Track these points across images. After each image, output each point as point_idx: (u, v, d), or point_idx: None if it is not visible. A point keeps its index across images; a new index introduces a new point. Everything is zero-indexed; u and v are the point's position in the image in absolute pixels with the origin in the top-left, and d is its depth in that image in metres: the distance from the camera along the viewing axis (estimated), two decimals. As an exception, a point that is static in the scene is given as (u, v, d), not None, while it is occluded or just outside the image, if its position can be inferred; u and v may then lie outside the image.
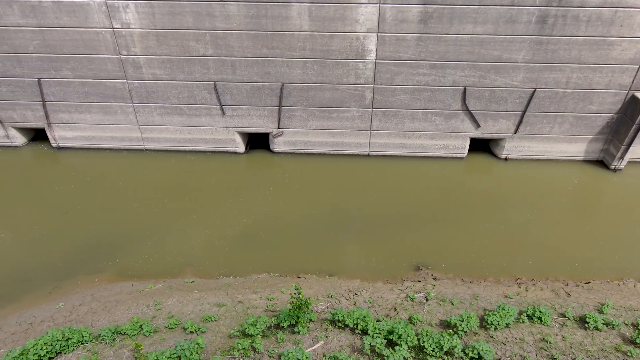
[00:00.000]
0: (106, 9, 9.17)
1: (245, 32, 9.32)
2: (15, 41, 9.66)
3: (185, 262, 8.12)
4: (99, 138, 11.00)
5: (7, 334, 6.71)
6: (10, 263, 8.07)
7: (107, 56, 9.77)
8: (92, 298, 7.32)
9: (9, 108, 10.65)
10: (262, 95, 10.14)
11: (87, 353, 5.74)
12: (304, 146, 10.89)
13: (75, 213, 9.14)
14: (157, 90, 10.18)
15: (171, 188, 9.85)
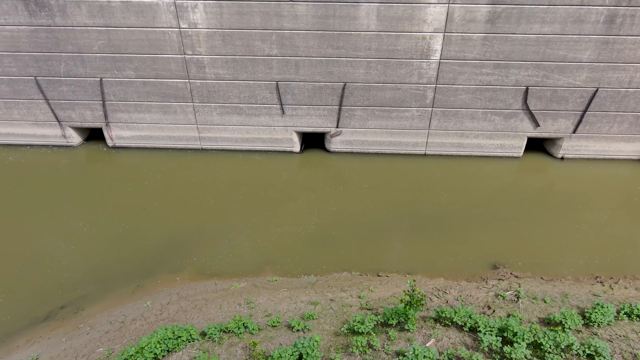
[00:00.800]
0: (174, 8, 9.17)
1: (311, 32, 9.32)
2: (81, 41, 9.65)
3: (263, 260, 8.13)
4: (156, 137, 11.00)
5: (100, 332, 6.71)
6: (90, 262, 8.07)
7: (171, 56, 9.77)
8: (179, 297, 7.32)
9: (68, 108, 10.64)
10: (323, 94, 10.14)
11: (197, 351, 5.75)
12: (360, 146, 10.90)
13: (146, 213, 9.14)
14: (219, 89, 10.18)
15: (235, 187, 9.86)
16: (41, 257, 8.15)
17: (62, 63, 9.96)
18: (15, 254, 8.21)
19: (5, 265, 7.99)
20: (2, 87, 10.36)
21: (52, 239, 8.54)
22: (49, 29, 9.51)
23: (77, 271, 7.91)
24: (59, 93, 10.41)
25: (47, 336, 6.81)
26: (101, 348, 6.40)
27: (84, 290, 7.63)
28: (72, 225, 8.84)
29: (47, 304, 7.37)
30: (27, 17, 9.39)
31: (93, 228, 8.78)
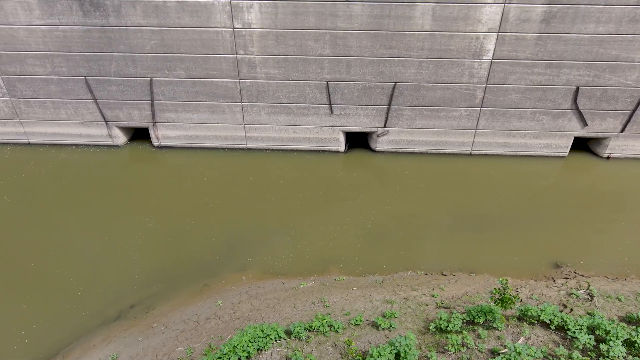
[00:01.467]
0: (230, 9, 9.16)
1: (365, 31, 9.32)
2: (133, 41, 9.64)
3: (325, 259, 8.13)
4: (203, 137, 10.99)
5: (176, 331, 6.71)
6: (155, 262, 8.06)
7: (223, 56, 9.76)
8: (249, 296, 7.32)
9: (115, 107, 10.63)
10: (373, 94, 10.14)
11: (285, 350, 5.75)
12: (407, 145, 10.90)
13: (203, 212, 9.14)
14: (268, 89, 10.18)
15: (287, 186, 9.85)
16: (106, 257, 8.15)
17: (113, 63, 9.95)
18: (81, 254, 8.21)
19: (73, 265, 7.99)
20: (52, 87, 10.35)
21: (115, 239, 8.54)
22: (102, 28, 9.51)
23: (143, 271, 7.91)
24: (107, 93, 10.40)
25: (123, 335, 6.80)
26: (180, 347, 6.40)
27: (151, 289, 7.63)
28: (133, 225, 8.83)
29: (117, 303, 7.37)
30: (81, 17, 9.38)
31: (154, 228, 8.77)
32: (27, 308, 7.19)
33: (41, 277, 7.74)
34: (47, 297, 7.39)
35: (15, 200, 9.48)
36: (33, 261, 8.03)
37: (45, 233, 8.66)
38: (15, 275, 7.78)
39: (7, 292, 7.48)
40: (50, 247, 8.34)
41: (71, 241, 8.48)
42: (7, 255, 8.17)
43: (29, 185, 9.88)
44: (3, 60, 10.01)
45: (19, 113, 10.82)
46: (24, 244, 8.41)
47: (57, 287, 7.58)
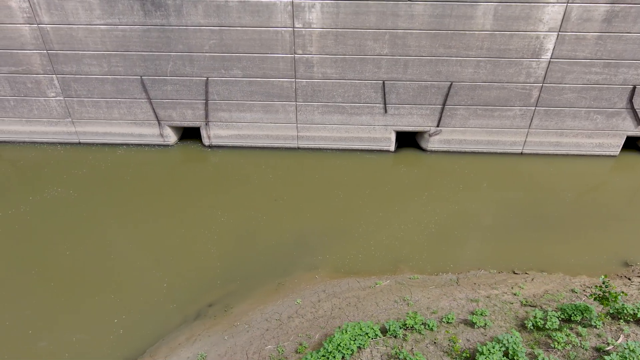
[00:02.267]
0: (291, 8, 9.16)
1: (425, 31, 9.32)
2: (192, 41, 9.64)
3: (394, 258, 8.12)
4: (254, 137, 10.99)
5: (260, 330, 6.71)
6: (227, 261, 8.06)
7: (281, 55, 9.76)
8: (327, 294, 7.31)
9: (169, 107, 10.63)
10: (428, 94, 10.14)
11: (385, 348, 5.74)
12: (458, 145, 10.90)
13: (267, 212, 9.14)
14: (324, 89, 10.18)
15: (344, 186, 9.84)
16: (179, 257, 8.14)
17: (170, 62, 9.95)
18: (153, 254, 8.20)
19: (147, 265, 7.99)
20: (107, 87, 10.35)
21: (185, 239, 8.53)
22: (162, 28, 9.50)
23: (216, 270, 7.90)
24: (162, 92, 10.39)
25: (207, 334, 6.80)
26: (270, 345, 6.40)
27: (226, 288, 7.62)
28: (201, 225, 8.82)
29: (194, 302, 7.36)
30: (141, 17, 9.38)
31: (222, 228, 8.76)
32: (108, 309, 7.19)
33: (117, 278, 7.74)
34: (126, 297, 7.39)
35: (81, 199, 9.49)
36: (107, 261, 8.03)
37: (115, 233, 8.65)
38: (93, 275, 7.78)
39: (87, 292, 7.48)
40: (122, 247, 8.34)
41: (141, 241, 8.48)
42: (84, 255, 8.17)
43: (92, 184, 9.89)
44: (60, 60, 10.00)
45: (72, 113, 10.81)
46: (96, 244, 8.41)
47: (133, 287, 7.58)
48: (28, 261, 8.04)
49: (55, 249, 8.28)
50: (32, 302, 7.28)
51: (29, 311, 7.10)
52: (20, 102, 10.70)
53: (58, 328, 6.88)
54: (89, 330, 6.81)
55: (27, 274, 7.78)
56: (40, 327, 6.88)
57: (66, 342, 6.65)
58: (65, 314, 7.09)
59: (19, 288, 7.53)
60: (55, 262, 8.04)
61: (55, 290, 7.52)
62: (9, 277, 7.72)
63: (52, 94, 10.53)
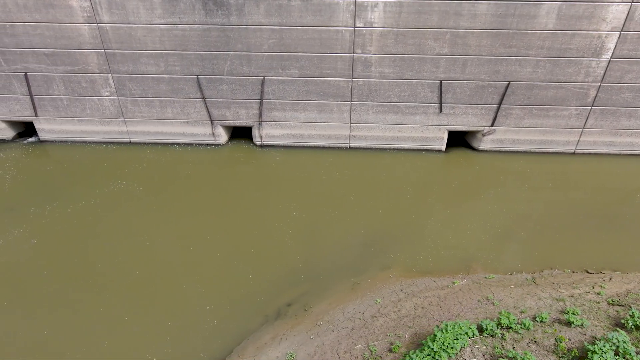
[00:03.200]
0: (354, 7, 9.14)
1: (486, 30, 9.30)
2: (251, 40, 9.63)
3: (464, 257, 8.09)
4: (307, 136, 10.98)
5: (345, 329, 6.68)
6: (297, 260, 8.04)
7: (339, 55, 9.74)
8: (406, 294, 7.29)
9: (223, 106, 10.62)
10: (484, 93, 10.13)
11: (485, 347, 5.73)
12: (511, 144, 10.88)
13: (330, 210, 9.12)
14: (380, 88, 10.16)
15: (403, 185, 9.82)
16: (251, 256, 8.12)
17: (227, 62, 9.93)
18: (226, 253, 8.18)
19: (222, 264, 7.97)
20: (162, 86, 10.34)
21: (254, 238, 8.51)
22: (222, 27, 9.49)
23: (288, 270, 7.88)
24: (217, 92, 10.38)
25: (291, 333, 6.77)
26: (359, 345, 6.38)
27: (301, 288, 7.59)
28: (270, 224, 8.79)
29: (272, 301, 7.33)
30: (202, 16, 9.37)
31: (287, 227, 8.73)
32: (190, 309, 7.17)
33: (193, 277, 7.72)
34: (204, 296, 7.37)
35: (147, 192, 9.51)
36: (179, 261, 8.02)
37: (182, 233, 8.64)
38: (170, 275, 7.76)
39: (166, 292, 7.47)
40: (190, 246, 8.32)
41: (208, 241, 8.46)
42: (162, 246, 8.16)
43: (155, 179, 9.92)
44: (117, 59, 9.99)
45: (125, 112, 10.80)
46: (169, 236, 8.40)
47: (211, 286, 7.56)
48: (110, 251, 8.11)
49: (134, 240, 8.34)
50: (122, 289, 7.38)
51: (122, 297, 7.09)
52: (73, 102, 10.68)
53: (152, 314, 6.91)
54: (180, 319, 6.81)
55: (112, 263, 7.86)
56: (134, 312, 6.90)
57: (164, 326, 6.67)
58: (156, 301, 7.10)
59: (109, 276, 7.61)
60: (137, 251, 8.10)
61: (142, 278, 7.54)
62: (96, 267, 7.78)
63: (107, 93, 10.51)
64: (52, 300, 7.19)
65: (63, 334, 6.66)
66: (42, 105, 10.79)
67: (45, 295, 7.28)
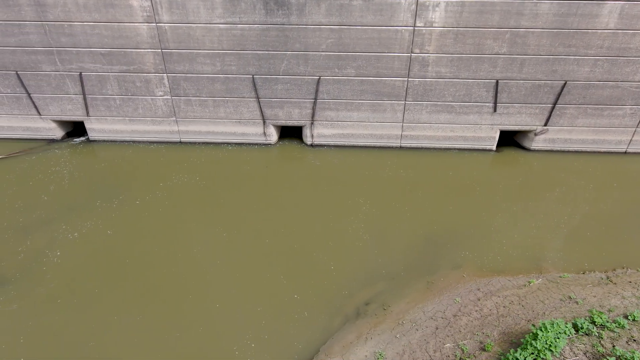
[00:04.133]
0: (415, 7, 9.15)
1: (547, 30, 9.30)
2: (310, 40, 9.63)
3: (533, 256, 8.07)
4: (358, 136, 10.97)
5: (430, 328, 6.68)
6: (367, 259, 8.04)
7: (397, 54, 9.74)
8: (484, 293, 7.28)
9: (276, 106, 10.62)
10: (540, 93, 10.12)
11: (584, 346, 5.72)
12: (562, 144, 10.87)
13: (394, 209, 9.12)
14: (435, 88, 10.16)
15: (459, 184, 9.81)
16: (322, 254, 8.10)
17: (284, 62, 9.93)
18: (295, 252, 8.18)
19: (292, 263, 7.97)
20: (217, 86, 10.34)
21: (322, 236, 8.51)
22: (281, 27, 9.49)
23: (360, 269, 7.87)
24: (271, 91, 10.38)
25: (375, 332, 6.76)
26: (448, 344, 6.37)
27: (375, 287, 7.57)
28: (332, 224, 8.80)
29: (349, 300, 7.33)
30: (262, 16, 9.37)
31: (352, 227, 8.72)
32: (272, 307, 7.17)
33: (273, 269, 7.73)
34: (283, 295, 7.37)
35: (210, 185, 9.59)
36: (257, 252, 8.02)
37: (254, 226, 8.64)
38: (252, 265, 7.76)
39: (249, 281, 7.47)
40: (265, 239, 8.32)
41: (278, 240, 8.46)
42: (236, 247, 8.16)
43: (215, 175, 9.96)
44: (173, 59, 9.99)
45: (177, 112, 10.80)
46: (242, 236, 8.40)
47: (288, 285, 7.56)
48: (187, 241, 8.22)
49: (210, 231, 8.44)
50: (208, 277, 7.47)
51: (209, 285, 7.10)
52: (126, 101, 10.69)
53: (241, 301, 6.97)
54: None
55: (192, 252, 7.96)
56: (224, 299, 6.91)
57: (255, 313, 6.70)
58: (241, 289, 7.12)
59: (192, 264, 7.68)
60: (215, 242, 8.22)
61: (226, 267, 7.58)
62: (178, 256, 7.86)
63: (160, 93, 10.51)
64: (142, 289, 7.27)
65: (159, 320, 6.67)
66: (94, 105, 10.79)
67: (133, 284, 7.34)
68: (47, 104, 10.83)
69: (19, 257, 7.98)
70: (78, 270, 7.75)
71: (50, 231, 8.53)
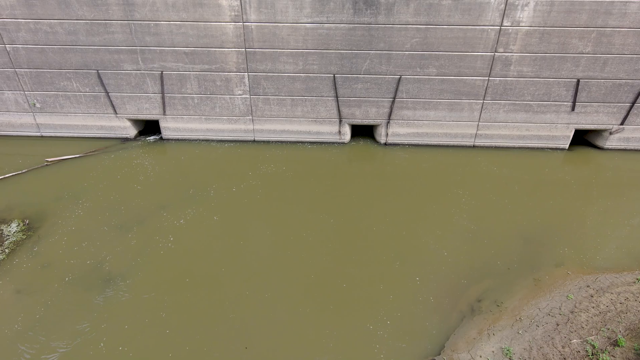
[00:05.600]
0: (504, 7, 9.18)
1: (634, 29, 9.33)
2: (395, 39, 9.67)
3: (633, 253, 8.12)
4: (432, 135, 11.01)
5: (550, 325, 6.69)
6: (470, 255, 8.08)
7: (480, 54, 9.78)
8: (595, 290, 7.29)
9: (354, 105, 10.66)
10: (619, 92, 10.15)
11: None
12: (637, 143, 10.90)
13: (485, 207, 9.16)
14: (515, 87, 10.19)
15: (540, 182, 9.84)
16: (425, 250, 8.16)
17: (367, 61, 9.98)
18: (400, 248, 8.23)
19: (405, 259, 8.02)
20: (296, 85, 10.38)
21: (419, 233, 8.54)
22: (368, 27, 9.53)
23: (463, 265, 7.91)
24: (351, 90, 10.42)
25: (496, 328, 6.78)
26: (575, 339, 6.41)
27: (483, 284, 7.59)
28: (427, 220, 8.83)
29: (461, 297, 7.37)
30: (350, 16, 9.41)
31: (448, 224, 8.75)
32: (397, 290, 7.22)
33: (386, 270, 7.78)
34: (406, 279, 7.42)
35: (296, 176, 9.76)
36: (368, 240, 8.07)
37: (354, 217, 8.69)
38: (371, 257, 7.81)
39: (367, 268, 7.51)
40: (373, 227, 8.37)
41: (381, 236, 8.52)
42: (344, 232, 8.21)
43: (299, 168, 10.12)
44: (256, 58, 10.04)
45: (254, 110, 10.85)
46: (345, 223, 8.46)
47: (403, 281, 7.61)
48: (294, 224, 8.53)
49: (312, 216, 8.67)
50: (328, 258, 7.64)
51: (330, 266, 7.16)
52: (204, 100, 10.74)
53: (365, 286, 6.99)
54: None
55: (302, 236, 8.20)
56: (347, 280, 6.97)
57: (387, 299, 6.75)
58: (360, 274, 7.17)
59: (306, 246, 7.77)
60: (320, 226, 8.46)
61: (340, 250, 7.64)
62: (289, 240, 8.08)
63: (239, 92, 10.56)
64: (262, 272, 7.49)
65: (284, 303, 6.72)
66: (172, 104, 10.84)
67: (250, 267, 7.57)
68: (124, 103, 10.88)
69: (124, 251, 8.08)
70: (191, 255, 7.87)
71: (156, 221, 8.62)
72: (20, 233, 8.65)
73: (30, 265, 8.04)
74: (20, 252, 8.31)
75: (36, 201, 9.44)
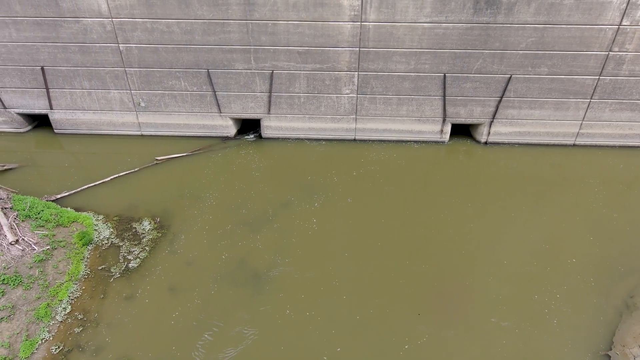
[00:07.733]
0: (625, 6, 9.16)
1: None
2: (511, 39, 9.65)
3: None
4: (533, 134, 10.99)
5: None
6: (605, 254, 8.11)
7: (594, 53, 9.76)
8: None
9: (460, 104, 10.61)
10: None
11: None
12: None
13: (603, 205, 9.19)
14: (625, 86, 10.10)
15: None
16: (557, 252, 8.21)
17: (479, 60, 9.98)
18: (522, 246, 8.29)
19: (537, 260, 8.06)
20: (405, 84, 10.40)
21: (549, 232, 8.60)
22: (485, 26, 9.54)
23: (603, 263, 7.97)
24: (459, 90, 10.42)
25: (660, 324, 6.84)
26: None
27: (628, 281, 7.65)
28: (553, 218, 8.88)
29: (611, 294, 7.42)
30: (469, 15, 9.42)
31: (572, 220, 8.83)
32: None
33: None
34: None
35: (413, 170, 10.08)
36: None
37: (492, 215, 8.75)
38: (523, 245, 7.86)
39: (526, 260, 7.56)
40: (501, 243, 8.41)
41: (493, 242, 8.56)
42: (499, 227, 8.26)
43: (414, 163, 10.31)
44: (369, 57, 10.05)
45: (359, 109, 10.87)
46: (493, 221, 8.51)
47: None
48: (432, 214, 8.64)
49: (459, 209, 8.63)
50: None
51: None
52: (310, 99, 10.76)
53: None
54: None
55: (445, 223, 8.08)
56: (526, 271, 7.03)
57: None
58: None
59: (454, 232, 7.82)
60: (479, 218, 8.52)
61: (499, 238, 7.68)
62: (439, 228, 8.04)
63: (347, 91, 10.59)
64: (416, 249, 7.62)
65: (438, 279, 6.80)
66: (277, 103, 10.87)
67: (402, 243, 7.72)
68: (230, 102, 10.92)
69: (263, 247, 8.22)
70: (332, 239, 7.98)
71: (286, 213, 8.77)
72: (155, 231, 8.71)
73: (174, 264, 8.10)
74: (160, 249, 8.37)
75: (158, 199, 9.49)
